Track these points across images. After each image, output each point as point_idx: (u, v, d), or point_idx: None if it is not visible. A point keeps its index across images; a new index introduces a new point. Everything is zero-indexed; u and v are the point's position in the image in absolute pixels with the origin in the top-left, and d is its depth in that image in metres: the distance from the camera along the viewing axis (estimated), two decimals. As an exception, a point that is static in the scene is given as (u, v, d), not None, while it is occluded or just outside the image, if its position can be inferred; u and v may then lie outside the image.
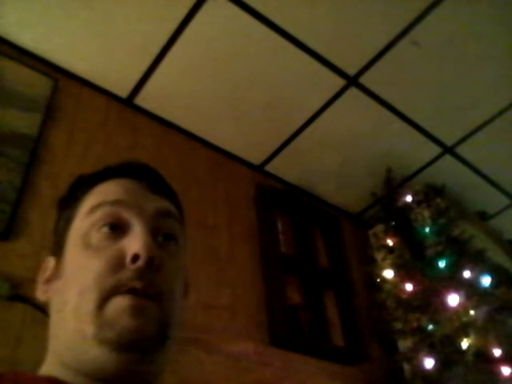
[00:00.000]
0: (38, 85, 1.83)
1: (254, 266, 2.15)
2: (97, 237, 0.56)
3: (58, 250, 0.61)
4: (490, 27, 1.98)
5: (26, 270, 1.47)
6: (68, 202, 0.63)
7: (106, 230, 0.56)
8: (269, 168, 2.52)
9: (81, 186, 0.63)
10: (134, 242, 0.54)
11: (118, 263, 0.54)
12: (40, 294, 0.60)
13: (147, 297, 0.52)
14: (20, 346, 1.35)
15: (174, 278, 0.57)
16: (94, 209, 0.58)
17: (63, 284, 0.57)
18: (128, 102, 2.13)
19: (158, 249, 0.55)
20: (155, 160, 2.11)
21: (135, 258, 0.53)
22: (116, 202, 0.58)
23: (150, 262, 0.53)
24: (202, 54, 1.99)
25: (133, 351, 0.50)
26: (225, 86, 2.12)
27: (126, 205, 0.58)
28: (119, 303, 0.51)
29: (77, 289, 0.54)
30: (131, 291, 0.52)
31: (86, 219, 0.58)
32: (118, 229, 0.57)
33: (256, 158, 2.47)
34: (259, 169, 2.51)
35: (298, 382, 1.95)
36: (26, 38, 1.87)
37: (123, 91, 2.10)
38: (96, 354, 0.50)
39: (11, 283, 1.42)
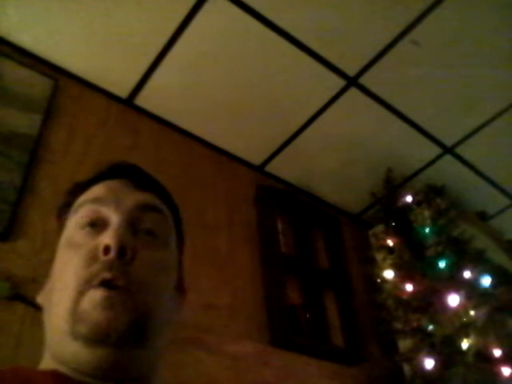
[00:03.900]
0: (37, 85, 1.83)
1: (254, 266, 2.15)
2: (78, 235, 0.58)
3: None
4: (490, 27, 1.98)
5: (26, 270, 1.47)
6: (63, 209, 0.64)
7: (85, 227, 0.58)
8: (269, 168, 2.52)
9: (74, 193, 0.64)
10: (107, 235, 0.55)
11: (92, 257, 0.54)
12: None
13: (119, 288, 0.52)
14: (20, 345, 1.35)
15: (153, 270, 0.56)
16: (77, 209, 0.61)
17: (51, 284, 0.58)
18: (128, 102, 2.13)
19: (132, 239, 0.56)
20: (155, 160, 2.13)
21: (106, 249, 0.54)
22: (95, 200, 0.60)
23: (120, 252, 0.53)
24: (202, 54, 1.99)
25: (105, 345, 0.50)
26: (225, 86, 2.12)
27: (105, 201, 0.59)
28: (91, 297, 0.52)
29: (59, 286, 0.56)
30: (103, 283, 0.52)
31: (71, 220, 0.61)
32: (97, 225, 0.58)
33: (256, 158, 2.47)
34: (259, 169, 2.51)
35: (297, 382, 1.95)
36: (26, 39, 1.87)
37: (123, 91, 2.10)
38: (73, 350, 0.51)
39: (11, 283, 1.42)
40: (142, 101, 2.13)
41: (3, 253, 1.49)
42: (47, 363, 0.55)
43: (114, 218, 0.57)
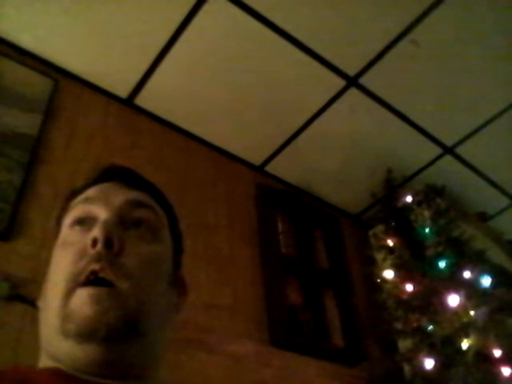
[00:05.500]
0: (38, 85, 1.83)
1: (254, 266, 2.15)
2: (70, 234, 0.59)
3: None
4: (490, 28, 1.98)
5: (25, 270, 1.47)
6: (60, 215, 0.65)
7: (75, 226, 0.59)
8: (269, 168, 2.52)
9: (70, 198, 0.65)
10: (95, 229, 0.55)
11: (82, 253, 0.55)
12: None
13: (108, 284, 0.52)
14: (20, 346, 1.35)
15: (142, 262, 0.56)
16: (69, 211, 0.62)
17: (46, 284, 0.59)
18: (128, 102, 2.13)
19: (122, 233, 0.56)
20: (155, 160, 2.13)
21: (94, 242, 0.54)
22: (86, 200, 0.61)
23: (107, 243, 0.54)
24: (202, 55, 1.99)
25: (95, 341, 0.50)
26: (225, 86, 2.12)
27: (95, 200, 0.61)
28: (78, 296, 0.52)
29: (51, 285, 0.56)
30: (90, 278, 0.52)
31: (64, 222, 0.62)
32: (87, 223, 0.59)
33: (256, 158, 2.47)
34: (259, 169, 2.51)
35: (297, 383, 1.95)
36: (26, 39, 1.87)
37: (123, 91, 2.10)
38: (66, 349, 0.51)
39: (11, 283, 1.42)
40: (142, 101, 2.13)
41: (3, 253, 1.49)
42: (45, 364, 0.55)
43: (102, 214, 0.58)
